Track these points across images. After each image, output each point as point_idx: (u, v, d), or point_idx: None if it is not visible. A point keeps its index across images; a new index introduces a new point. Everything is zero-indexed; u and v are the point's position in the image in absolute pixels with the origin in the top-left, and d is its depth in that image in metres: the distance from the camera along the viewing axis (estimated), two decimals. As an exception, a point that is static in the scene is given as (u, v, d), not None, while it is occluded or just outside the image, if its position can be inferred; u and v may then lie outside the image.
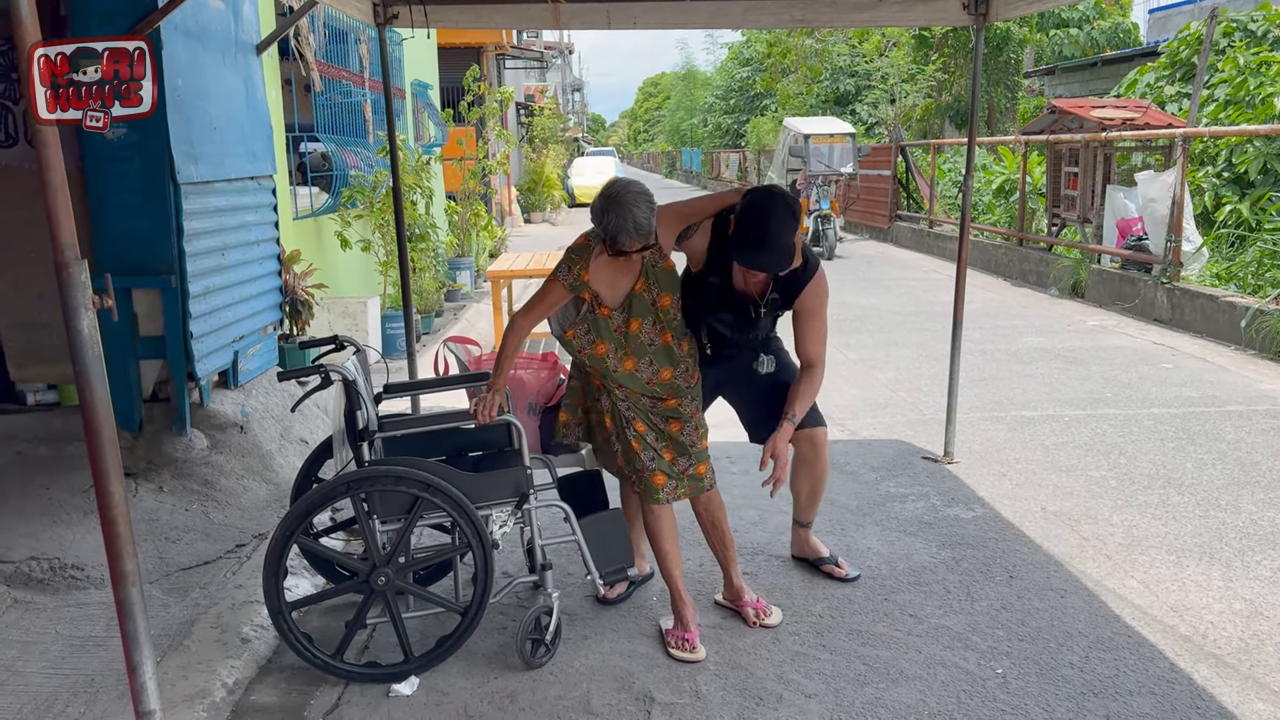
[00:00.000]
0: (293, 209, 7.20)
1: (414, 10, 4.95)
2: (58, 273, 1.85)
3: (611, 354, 3.33)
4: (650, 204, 3.16)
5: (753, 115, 34.99)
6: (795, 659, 3.32)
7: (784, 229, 3.20)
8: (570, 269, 3.30)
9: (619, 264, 3.27)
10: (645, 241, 3.16)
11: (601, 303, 3.32)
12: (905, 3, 5.02)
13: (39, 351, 4.76)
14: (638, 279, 3.31)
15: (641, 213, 3.11)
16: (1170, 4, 22.56)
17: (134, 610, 2.02)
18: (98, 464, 1.92)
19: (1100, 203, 10.75)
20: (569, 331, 3.40)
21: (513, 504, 3.32)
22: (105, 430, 1.92)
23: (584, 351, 3.37)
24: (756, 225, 3.22)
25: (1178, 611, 3.62)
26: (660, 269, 3.33)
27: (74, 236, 1.85)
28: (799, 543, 4.03)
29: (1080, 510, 4.60)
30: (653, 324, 3.33)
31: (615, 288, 3.32)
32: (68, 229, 1.84)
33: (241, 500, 4.58)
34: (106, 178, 4.36)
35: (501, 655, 3.36)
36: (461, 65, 13.64)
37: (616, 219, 3.10)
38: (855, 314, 10.09)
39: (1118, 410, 6.25)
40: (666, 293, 3.34)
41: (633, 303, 3.31)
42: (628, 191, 3.15)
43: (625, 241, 3.13)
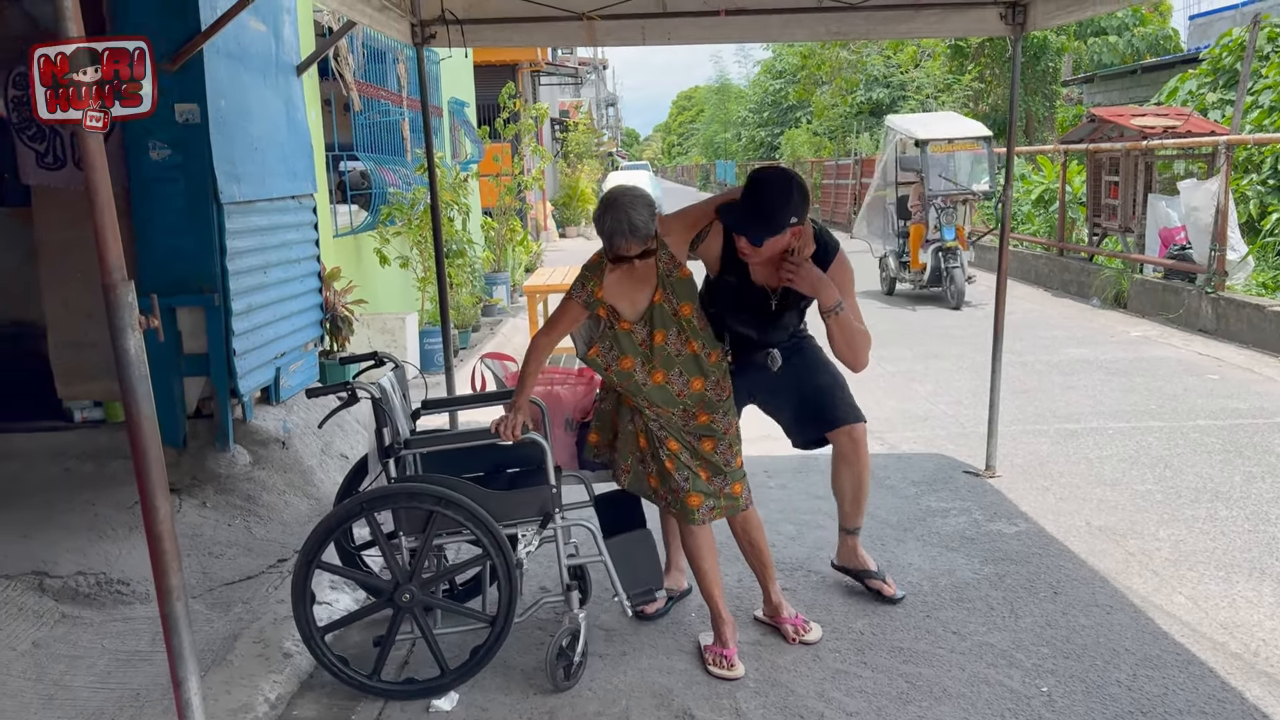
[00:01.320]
0: (333, 227, 7.28)
1: (451, 30, 4.99)
2: (105, 294, 1.88)
3: (639, 368, 3.31)
4: (649, 207, 3.14)
5: (786, 127, 34.95)
6: (836, 676, 3.29)
7: (777, 195, 3.16)
8: (584, 286, 3.30)
9: (634, 276, 3.26)
10: (643, 245, 3.13)
11: (621, 317, 3.31)
12: (941, 13, 5.00)
13: (85, 369, 4.84)
14: (655, 289, 3.29)
15: (638, 215, 3.09)
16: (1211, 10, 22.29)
17: (179, 625, 2.04)
18: (144, 481, 1.95)
19: (1142, 212, 10.61)
20: (592, 349, 3.40)
21: (538, 522, 3.31)
22: (151, 448, 1.95)
23: (610, 369, 3.36)
24: (750, 193, 3.21)
25: (1228, 629, 3.55)
26: (676, 278, 3.30)
27: (121, 258, 1.89)
28: (845, 552, 3.93)
29: (1125, 525, 4.53)
30: (677, 334, 3.31)
31: (634, 301, 3.30)
32: (115, 251, 1.87)
33: (283, 515, 4.62)
34: (151, 198, 4.44)
35: (540, 672, 3.35)
36: (497, 82, 13.76)
37: (612, 221, 3.10)
38: (892, 325, 10.02)
39: (1163, 422, 6.15)
40: (686, 302, 3.31)
41: (654, 314, 3.29)
42: (625, 195, 3.14)
43: (621, 244, 3.11)
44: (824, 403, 3.65)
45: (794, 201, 3.16)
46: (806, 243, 3.27)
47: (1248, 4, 19.65)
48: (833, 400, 3.66)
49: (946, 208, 11.31)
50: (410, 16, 4.94)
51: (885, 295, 12.23)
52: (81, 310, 4.76)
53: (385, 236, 7.94)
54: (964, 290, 11.13)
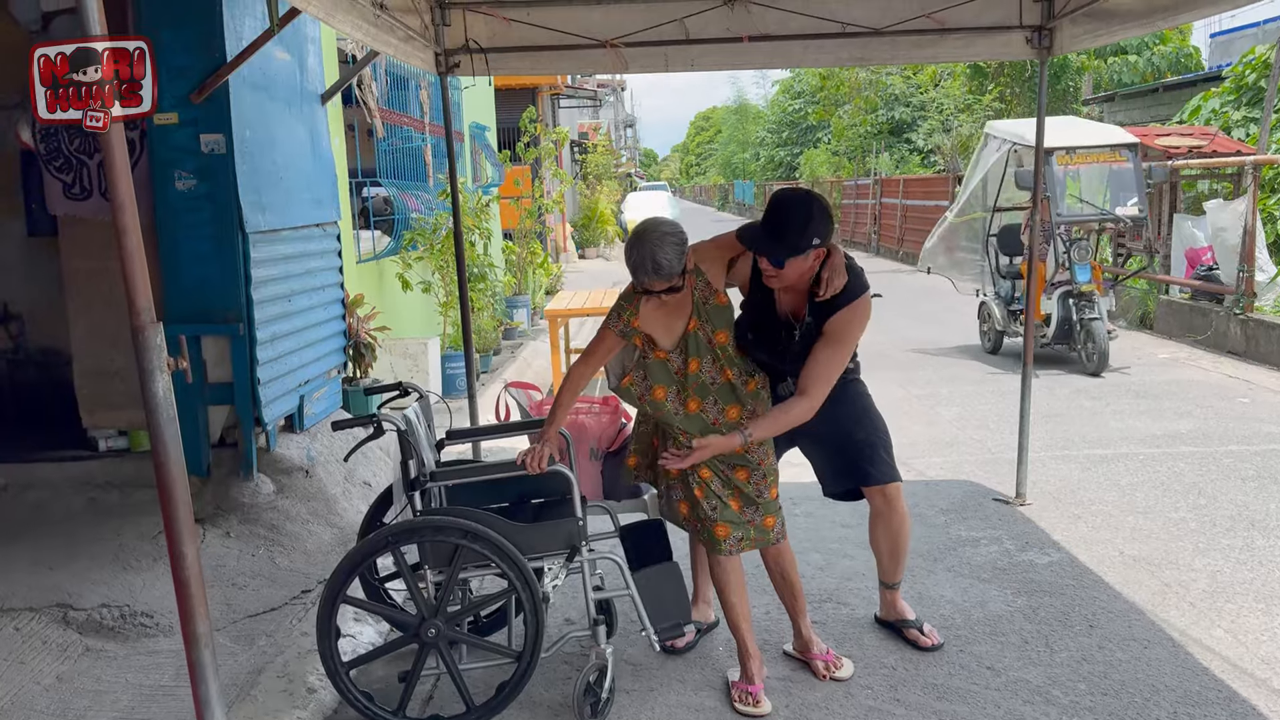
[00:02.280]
0: (356, 253, 7.30)
1: (475, 59, 5.00)
2: (134, 335, 1.86)
3: (673, 397, 3.28)
4: (678, 245, 3.09)
5: (805, 148, 34.98)
6: (869, 714, 3.22)
7: (797, 216, 3.10)
8: (620, 316, 3.27)
9: (670, 305, 3.23)
10: (668, 283, 3.10)
11: (657, 346, 3.28)
12: (967, 38, 4.96)
13: (110, 398, 4.85)
14: (690, 318, 3.26)
15: (665, 254, 3.05)
16: (1233, 28, 22.17)
17: (206, 672, 2.01)
18: (171, 526, 1.93)
19: (1167, 232, 10.51)
20: (625, 379, 3.36)
21: (564, 555, 3.27)
22: (179, 491, 1.92)
23: (643, 398, 3.33)
24: (771, 214, 3.16)
25: (1270, 664, 3.46)
26: (712, 305, 3.27)
27: (150, 299, 1.87)
28: (885, 605, 3.83)
29: (1160, 555, 4.44)
30: (712, 362, 3.27)
31: (670, 329, 3.27)
32: (144, 292, 1.86)
33: (307, 545, 4.60)
34: (177, 228, 4.45)
35: (566, 708, 3.31)
36: (518, 106, 13.82)
37: (637, 256, 3.08)
38: (914, 347, 9.95)
39: (1194, 448, 6.06)
40: (721, 329, 3.28)
41: (689, 342, 3.26)
42: (656, 231, 3.10)
43: (643, 280, 3.10)
44: (859, 458, 3.57)
45: (815, 222, 3.11)
46: (837, 272, 3.21)
47: (1270, 21, 19.54)
48: (869, 456, 3.56)
49: (1080, 239, 8.72)
50: (435, 46, 4.95)
51: (988, 354, 9.53)
52: (107, 339, 4.77)
53: (408, 262, 7.95)
54: (1107, 350, 8.31)
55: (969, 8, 4.77)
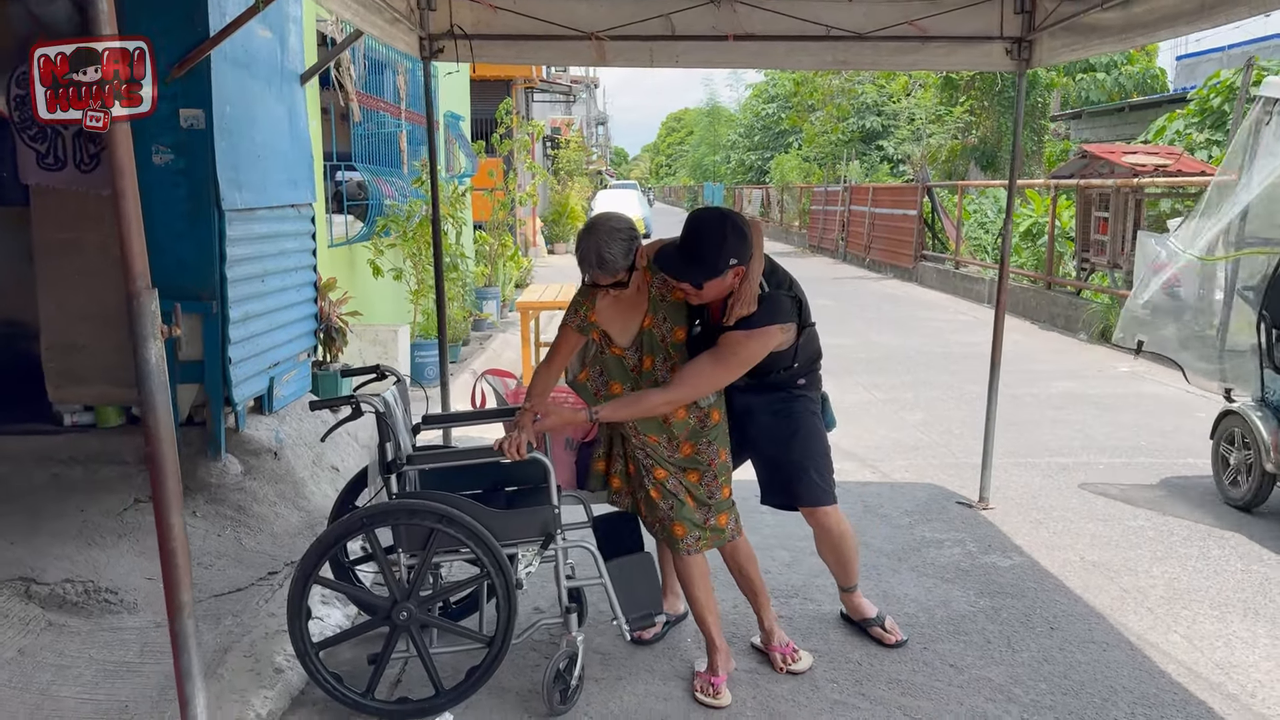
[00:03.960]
0: (328, 236, 7.25)
1: (459, 45, 4.99)
2: (129, 301, 1.85)
3: (627, 395, 3.29)
4: (626, 241, 3.09)
5: (776, 152, 35.14)
6: (834, 708, 3.27)
7: (708, 239, 3.08)
8: (578, 311, 3.28)
9: (625, 302, 3.24)
10: (613, 278, 3.11)
11: (613, 342, 3.29)
12: (949, 47, 5.03)
13: (77, 373, 4.77)
14: (646, 314, 3.28)
15: (609, 249, 3.05)
16: (1199, 51, 22.61)
17: (188, 643, 2.01)
18: (160, 494, 1.92)
19: (1131, 248, 10.68)
20: (581, 374, 3.38)
21: (539, 543, 3.28)
22: (168, 461, 1.91)
23: (599, 394, 3.35)
24: (685, 236, 3.16)
25: (1224, 669, 3.55)
26: (669, 302, 3.28)
27: (146, 265, 1.86)
28: (846, 606, 3.88)
29: (1119, 561, 4.54)
30: (664, 360, 3.28)
31: (626, 326, 3.29)
32: (140, 258, 1.85)
33: (274, 526, 4.56)
34: (153, 203, 4.37)
35: (535, 695, 3.32)
36: (492, 97, 13.78)
37: (584, 249, 3.10)
38: (881, 353, 10.04)
39: (1153, 459, 6.18)
40: (679, 325, 3.29)
41: (644, 339, 3.28)
42: (605, 225, 3.12)
43: (588, 273, 3.12)
44: (790, 479, 3.56)
45: (729, 243, 3.08)
46: (743, 303, 3.14)
47: (1235, 46, 19.96)
48: (800, 479, 3.54)
49: None
50: (420, 30, 4.93)
51: (1235, 506, 5.25)
52: (76, 313, 4.70)
53: (380, 248, 7.91)
54: None
55: (951, 17, 4.84)
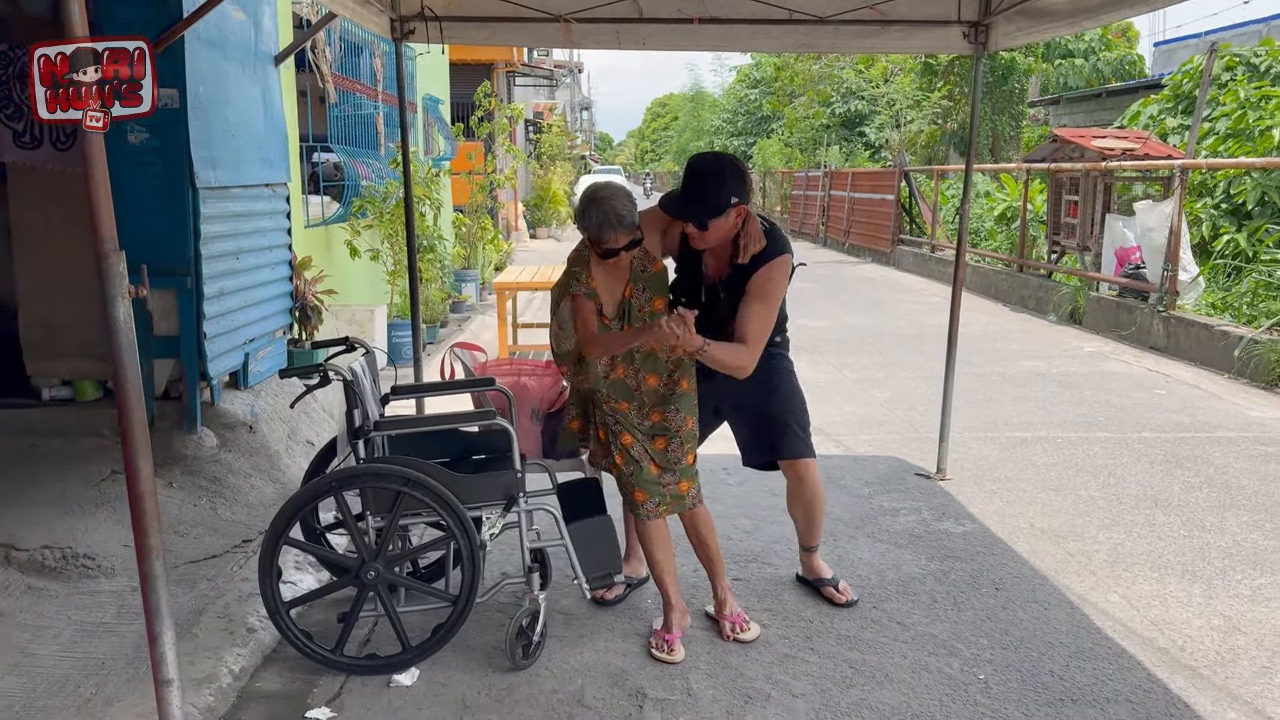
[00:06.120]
0: (304, 217, 7.34)
1: (430, 27, 5.09)
2: (98, 262, 1.97)
3: (605, 361, 3.41)
4: (629, 199, 3.29)
5: (759, 138, 35.25)
6: (784, 661, 3.42)
7: (706, 182, 3.29)
8: (580, 280, 3.39)
9: (611, 269, 3.38)
10: (631, 234, 3.26)
11: (602, 311, 3.43)
12: (907, 30, 5.16)
13: (55, 348, 4.88)
14: (627, 284, 3.41)
15: (621, 204, 3.24)
16: (1176, 38, 22.81)
17: (157, 583, 2.13)
18: (129, 441, 2.04)
19: (1100, 231, 10.88)
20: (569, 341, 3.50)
21: (502, 505, 3.42)
22: (136, 411, 2.04)
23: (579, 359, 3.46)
24: (685, 175, 3.36)
25: (1157, 625, 3.72)
26: (650, 273, 3.44)
27: (114, 229, 1.98)
28: (804, 565, 4.04)
29: (1067, 527, 4.71)
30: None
31: (612, 295, 3.42)
32: (108, 222, 1.96)
33: (249, 498, 4.68)
34: (128, 180, 4.48)
35: (499, 652, 3.45)
36: (473, 81, 13.83)
37: (599, 214, 3.23)
38: (855, 335, 10.21)
39: (1109, 433, 6.36)
40: (658, 295, 3.45)
41: (626, 309, 3.41)
42: (606, 189, 3.29)
43: (610, 236, 3.24)
44: (774, 433, 3.72)
45: (730, 181, 3.29)
46: (754, 239, 3.39)
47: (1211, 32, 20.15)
48: (783, 432, 3.71)
49: None
50: (390, 12, 5.03)
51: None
52: (53, 288, 4.80)
53: (356, 229, 8.00)
54: None
55: (910, 1, 4.96)
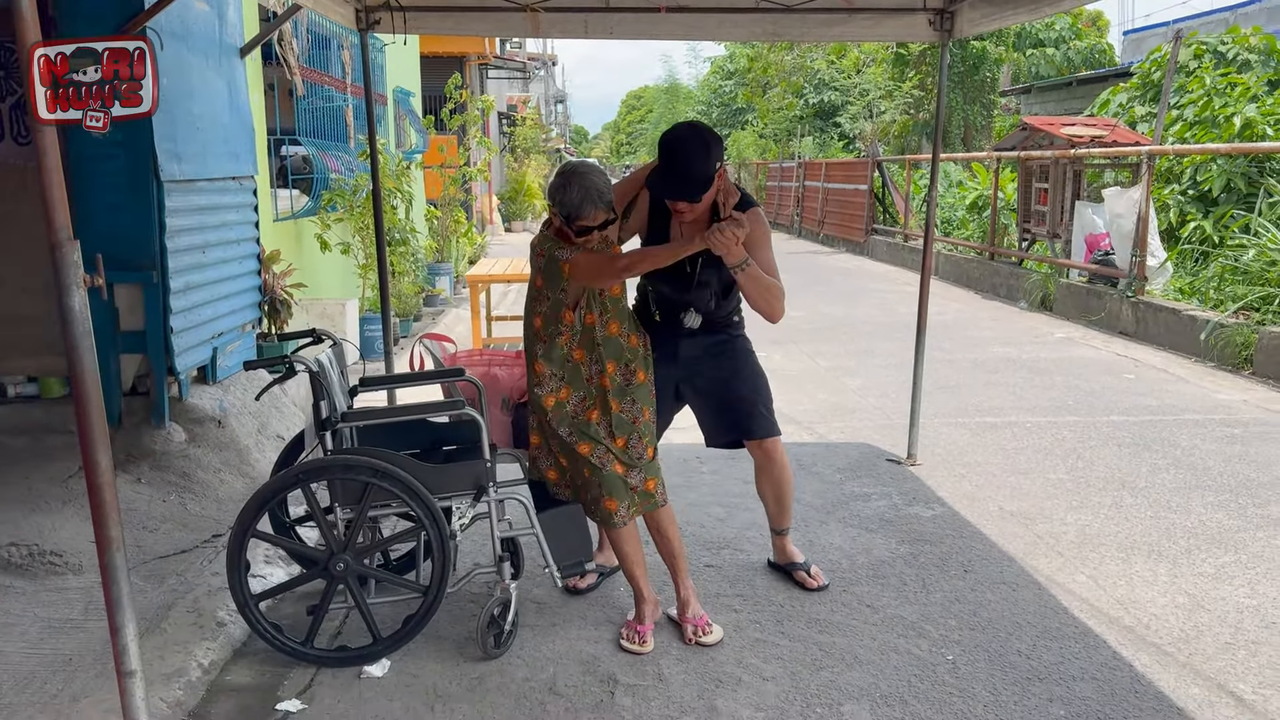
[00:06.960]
0: (273, 210, 7.29)
1: (395, 17, 5.06)
2: (52, 251, 1.95)
3: (568, 344, 3.37)
4: (605, 175, 3.26)
5: (734, 129, 35.27)
6: (755, 645, 3.44)
7: (693, 156, 3.29)
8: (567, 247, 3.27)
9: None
10: (607, 214, 3.22)
11: (565, 302, 3.41)
12: (874, 18, 5.18)
13: (20, 344, 4.83)
14: None
15: (601, 181, 3.21)
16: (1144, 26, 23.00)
17: (118, 575, 2.12)
18: (86, 433, 2.02)
19: (1070, 218, 10.98)
20: (536, 319, 3.46)
21: (472, 495, 3.41)
22: (93, 402, 2.02)
23: (546, 341, 3.42)
24: (668, 155, 3.33)
25: (1123, 605, 3.77)
26: (608, 255, 3.41)
27: (68, 219, 1.96)
28: (776, 550, 4.05)
29: (1036, 510, 4.75)
30: (600, 314, 3.36)
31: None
32: (62, 211, 1.94)
33: (218, 492, 4.66)
34: (92, 173, 4.45)
35: (471, 642, 3.45)
36: (444, 74, 13.77)
37: (580, 189, 3.17)
38: (828, 324, 10.25)
39: (1078, 418, 6.42)
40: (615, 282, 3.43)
41: (590, 296, 3.36)
42: (581, 165, 3.27)
43: (589, 212, 3.18)
44: (740, 412, 3.73)
45: (712, 148, 3.31)
46: (730, 192, 3.42)
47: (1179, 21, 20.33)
48: (749, 412, 3.72)
49: None
50: (355, 1, 5.00)
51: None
52: (16, 285, 4.76)
53: (326, 222, 7.96)
54: None
55: (876, -12, 4.99)
